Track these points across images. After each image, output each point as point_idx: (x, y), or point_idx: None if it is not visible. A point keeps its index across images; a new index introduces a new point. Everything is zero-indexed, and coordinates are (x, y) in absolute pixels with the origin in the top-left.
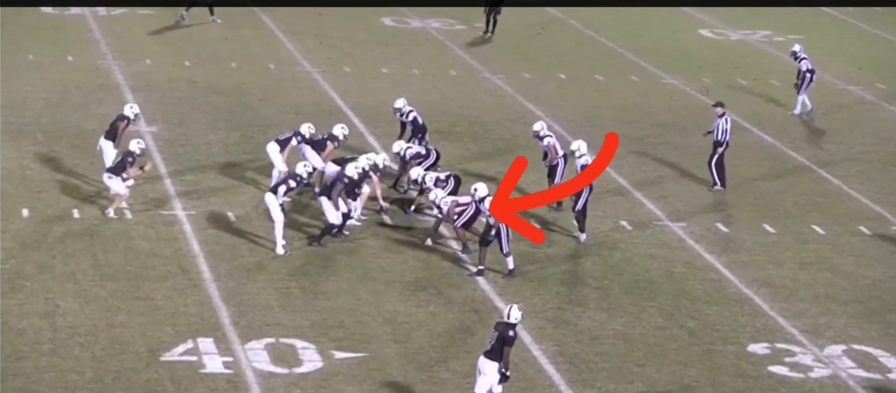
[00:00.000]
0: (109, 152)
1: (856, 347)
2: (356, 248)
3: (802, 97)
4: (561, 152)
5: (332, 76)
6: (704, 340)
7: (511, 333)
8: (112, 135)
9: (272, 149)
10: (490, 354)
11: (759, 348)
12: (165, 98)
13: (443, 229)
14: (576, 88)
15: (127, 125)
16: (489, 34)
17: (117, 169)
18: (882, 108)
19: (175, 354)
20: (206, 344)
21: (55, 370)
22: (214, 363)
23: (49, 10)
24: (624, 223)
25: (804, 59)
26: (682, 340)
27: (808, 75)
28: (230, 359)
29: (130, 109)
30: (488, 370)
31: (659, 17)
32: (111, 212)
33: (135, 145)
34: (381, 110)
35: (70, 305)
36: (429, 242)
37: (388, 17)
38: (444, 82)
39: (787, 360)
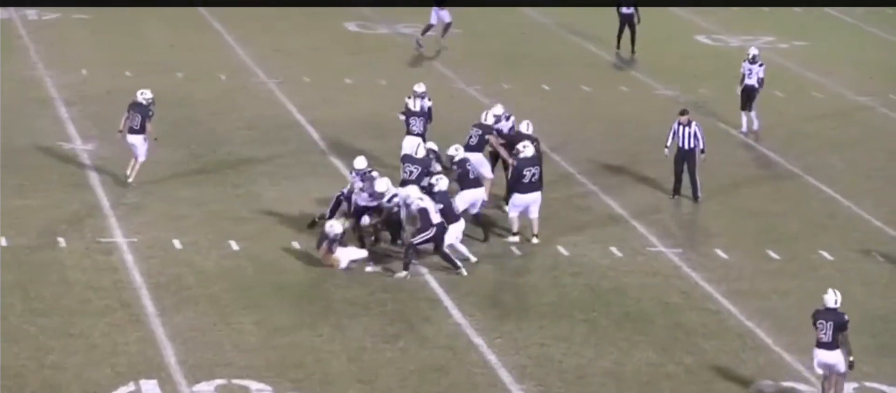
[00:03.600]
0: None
1: (868, 384)
2: (317, 277)
3: (754, 113)
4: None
5: (290, 87)
6: (702, 378)
7: (845, 317)
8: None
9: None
10: (830, 345)
11: (763, 387)
12: (104, 112)
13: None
14: (560, 100)
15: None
16: (633, 55)
17: (142, 128)
18: None
19: None
20: (149, 386)
21: None
22: None
23: None
24: (613, 249)
25: (762, 64)
26: (678, 378)
27: (759, 85)
28: None
29: (142, 96)
30: (836, 359)
31: (652, 21)
32: (131, 178)
33: (140, 97)
34: (344, 125)
35: None
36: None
37: (351, 22)
38: None
39: None
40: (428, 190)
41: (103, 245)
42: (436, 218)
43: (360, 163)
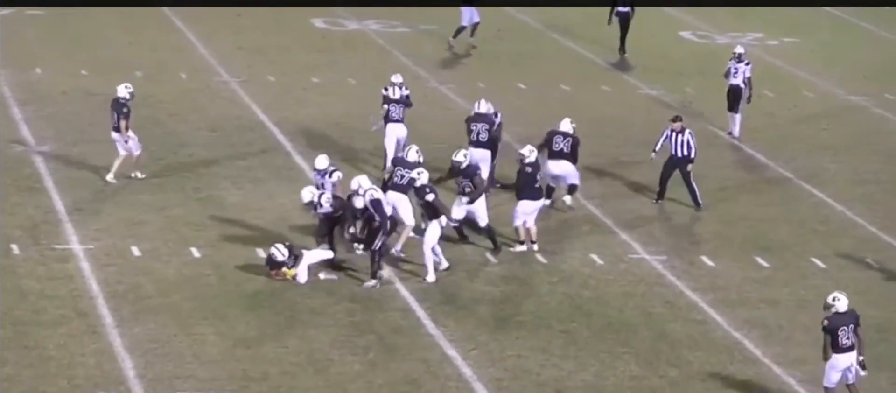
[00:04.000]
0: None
1: None
2: (281, 285)
3: (739, 115)
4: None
5: (254, 87)
6: (688, 392)
7: (857, 313)
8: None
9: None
10: (851, 348)
11: None
12: (59, 113)
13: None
14: (537, 100)
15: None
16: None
17: (118, 126)
18: (891, 122)
19: None
20: None
21: None
22: None
23: None
24: (594, 257)
25: (749, 63)
26: (663, 392)
27: (745, 87)
28: None
29: (126, 90)
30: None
31: (635, 17)
32: (138, 173)
33: (123, 90)
34: (312, 126)
35: None
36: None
37: (319, 18)
38: None
39: None
40: (415, 189)
41: (59, 252)
42: (389, 209)
43: (321, 162)
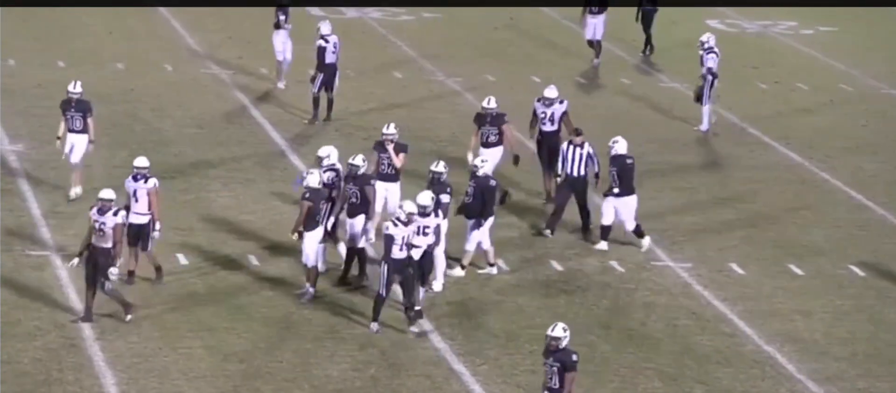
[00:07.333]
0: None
1: None
2: (276, 295)
3: (708, 107)
4: None
5: (245, 79)
6: None
7: (574, 357)
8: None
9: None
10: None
11: None
12: (33, 108)
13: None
14: None
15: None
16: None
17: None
18: None
19: None
20: None
21: None
22: None
23: None
24: (614, 264)
25: (713, 53)
26: None
27: (711, 78)
28: None
29: (73, 86)
30: None
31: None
32: (79, 190)
33: (72, 86)
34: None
35: None
36: None
37: (315, 5)
38: (386, 86)
39: None
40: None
41: (34, 259)
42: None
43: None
